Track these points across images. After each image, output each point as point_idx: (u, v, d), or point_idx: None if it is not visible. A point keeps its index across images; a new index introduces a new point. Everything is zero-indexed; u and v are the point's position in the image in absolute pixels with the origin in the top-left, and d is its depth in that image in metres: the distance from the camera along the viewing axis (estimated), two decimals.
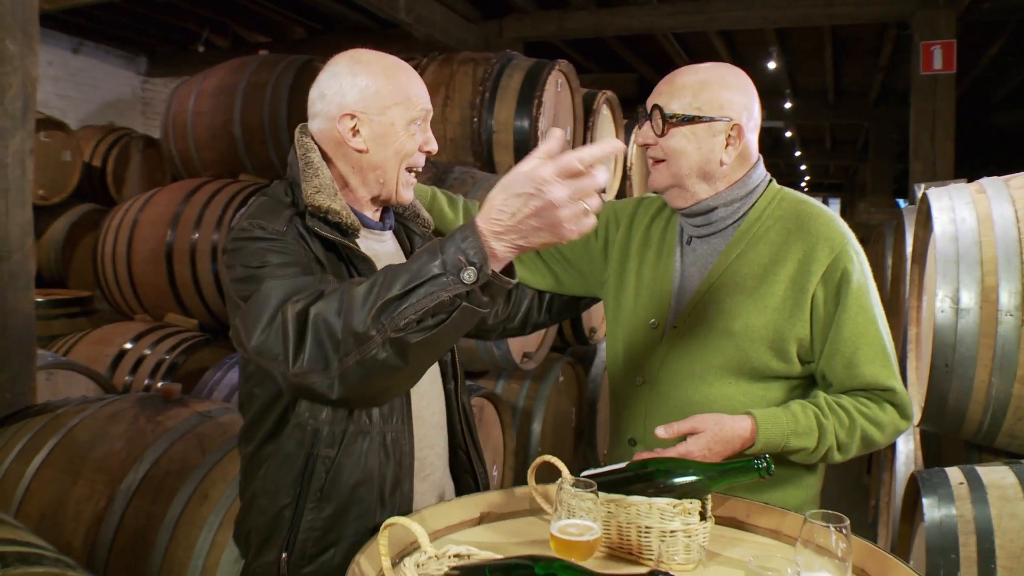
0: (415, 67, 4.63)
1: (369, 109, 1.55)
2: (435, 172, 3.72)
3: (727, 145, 1.68)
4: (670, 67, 1.81)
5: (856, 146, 16.76)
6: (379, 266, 1.43)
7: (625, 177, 5.79)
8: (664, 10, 7.32)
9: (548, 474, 1.50)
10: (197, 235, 4.47)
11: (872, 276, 1.72)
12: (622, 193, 5.79)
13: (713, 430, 1.53)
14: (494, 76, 4.06)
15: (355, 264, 1.55)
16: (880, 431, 1.65)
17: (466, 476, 1.78)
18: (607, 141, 1.17)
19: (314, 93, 1.61)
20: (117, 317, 5.07)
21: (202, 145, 4.96)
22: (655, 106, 1.70)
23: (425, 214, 1.82)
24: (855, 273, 1.65)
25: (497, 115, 3.99)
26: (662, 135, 1.69)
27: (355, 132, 1.56)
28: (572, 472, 1.43)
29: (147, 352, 4.28)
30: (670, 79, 1.73)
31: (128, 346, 4.35)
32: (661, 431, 1.53)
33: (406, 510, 1.55)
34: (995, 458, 2.60)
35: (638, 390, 1.77)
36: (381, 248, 1.67)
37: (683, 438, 1.56)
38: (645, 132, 1.73)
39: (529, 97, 3.98)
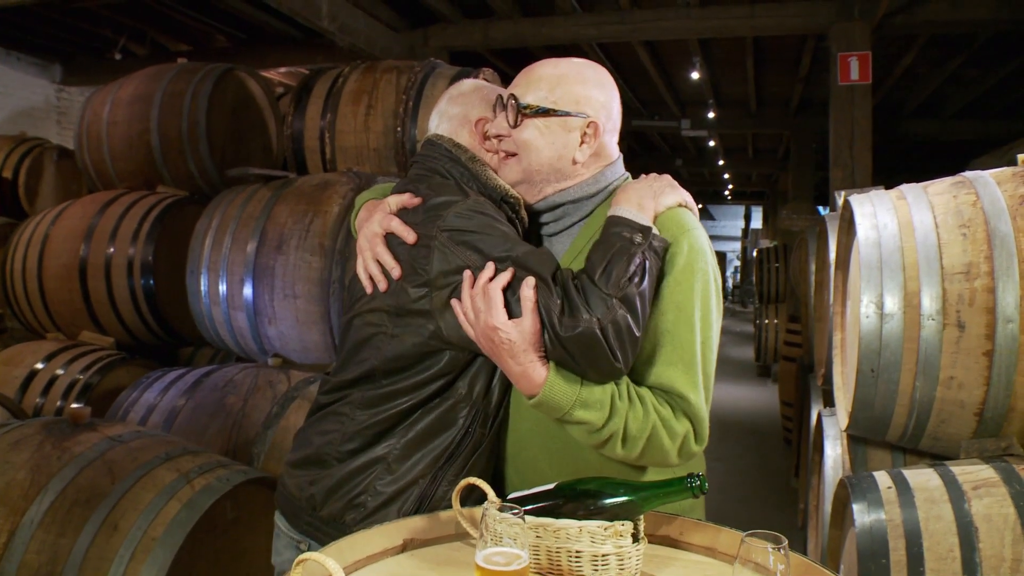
0: (337, 76, 4.57)
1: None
2: (358, 183, 3.64)
3: (582, 143, 1.61)
4: None
5: (777, 154, 17.15)
6: None
7: None
8: (588, 20, 7.37)
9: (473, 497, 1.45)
10: (112, 249, 4.31)
11: (716, 283, 1.58)
12: None
13: (526, 344, 1.42)
14: (418, 85, 4.01)
15: None
16: (671, 439, 1.48)
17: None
18: None
19: (433, 119, 1.80)
20: (28, 336, 4.87)
21: (118, 155, 4.78)
22: (510, 95, 1.63)
23: None
24: (680, 266, 1.52)
25: (421, 124, 3.93)
26: (515, 126, 1.61)
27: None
28: (499, 494, 1.39)
29: (59, 372, 4.10)
30: (528, 70, 1.66)
31: (39, 366, 4.16)
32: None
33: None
34: (919, 459, 2.64)
35: None
36: None
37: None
38: (498, 123, 1.65)
39: None
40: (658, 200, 1.57)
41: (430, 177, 1.69)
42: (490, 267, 1.46)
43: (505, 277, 1.45)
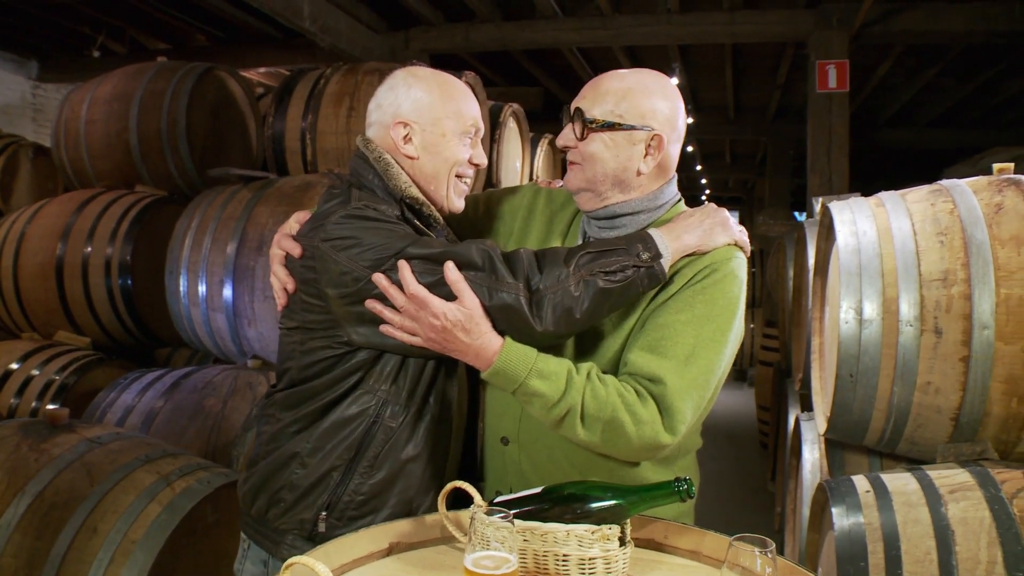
0: (319, 78, 4.56)
1: (422, 119, 1.67)
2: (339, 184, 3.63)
3: (646, 155, 1.65)
4: (576, 81, 1.79)
5: (754, 160, 17.28)
6: None
7: None
8: (570, 25, 7.39)
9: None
10: (90, 248, 4.27)
11: (740, 312, 1.61)
12: None
13: (474, 318, 1.46)
14: None
15: None
16: (635, 424, 1.47)
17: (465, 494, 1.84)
18: None
19: (372, 104, 1.74)
20: (2, 336, 4.80)
21: (96, 154, 4.74)
22: (577, 109, 1.66)
23: None
24: (712, 279, 1.57)
25: None
26: (581, 139, 1.65)
27: (407, 140, 1.67)
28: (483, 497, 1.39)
29: (35, 373, 4.05)
30: (595, 83, 1.69)
31: (14, 366, 4.11)
32: None
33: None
34: (895, 464, 2.67)
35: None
36: None
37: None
38: (566, 134, 1.69)
39: None
40: (706, 239, 1.60)
41: (334, 186, 1.73)
42: (380, 278, 1.50)
43: (407, 271, 1.48)
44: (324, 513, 1.60)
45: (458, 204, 1.74)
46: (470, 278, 1.48)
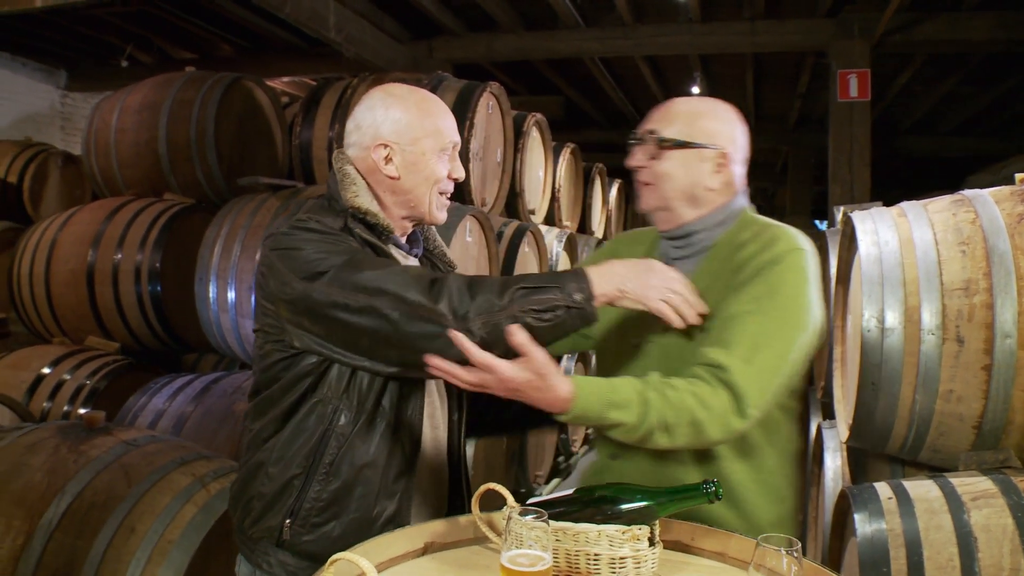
0: (345, 88, 4.61)
1: (401, 140, 1.71)
2: None
3: (714, 172, 1.76)
4: (596, 91, 1.86)
5: (775, 169, 17.24)
6: None
7: (553, 199, 5.85)
8: (592, 35, 7.44)
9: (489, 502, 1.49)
10: (120, 255, 4.35)
11: (806, 297, 1.64)
12: (551, 214, 5.84)
13: (542, 374, 1.43)
14: None
15: None
16: (711, 418, 1.51)
17: (456, 499, 1.87)
18: None
19: (350, 124, 1.77)
20: (34, 340, 4.89)
21: (125, 162, 4.83)
22: (650, 130, 1.77)
23: (451, 257, 1.94)
24: (778, 272, 1.64)
25: None
26: (654, 158, 1.76)
27: (388, 160, 1.71)
28: (513, 496, 1.43)
29: (66, 377, 4.13)
30: (665, 107, 1.82)
31: (46, 371, 4.19)
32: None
33: (406, 504, 1.69)
34: (918, 472, 2.68)
35: None
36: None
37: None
38: (638, 156, 1.80)
39: (461, 119, 3.99)
40: (619, 298, 1.57)
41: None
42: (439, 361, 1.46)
43: (465, 341, 1.44)
44: (288, 520, 1.63)
45: (439, 216, 1.79)
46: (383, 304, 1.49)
